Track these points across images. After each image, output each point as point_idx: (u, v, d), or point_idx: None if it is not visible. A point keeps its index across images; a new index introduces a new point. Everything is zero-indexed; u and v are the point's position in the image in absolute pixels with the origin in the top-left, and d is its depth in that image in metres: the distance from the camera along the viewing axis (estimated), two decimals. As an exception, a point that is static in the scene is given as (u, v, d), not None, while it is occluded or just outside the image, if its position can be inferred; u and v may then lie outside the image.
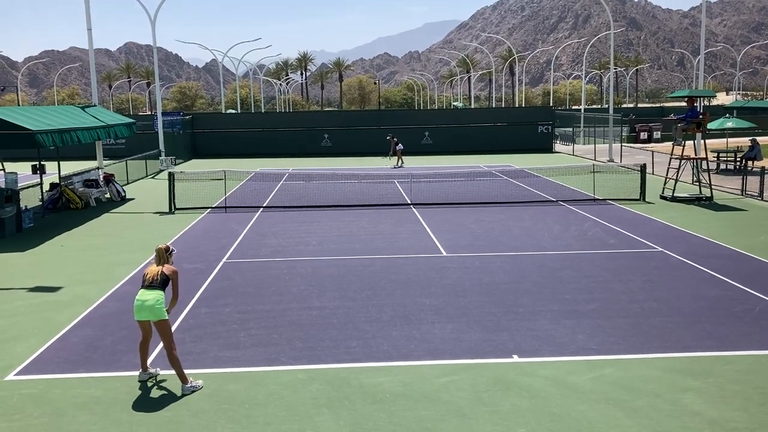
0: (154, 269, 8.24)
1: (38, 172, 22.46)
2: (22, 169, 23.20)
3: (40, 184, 22.51)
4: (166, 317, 8.04)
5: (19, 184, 19.29)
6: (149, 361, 8.55)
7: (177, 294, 8.34)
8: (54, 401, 7.73)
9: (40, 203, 21.93)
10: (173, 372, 8.43)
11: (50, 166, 24.63)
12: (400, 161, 35.05)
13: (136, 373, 8.48)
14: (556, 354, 8.92)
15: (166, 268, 8.25)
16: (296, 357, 8.95)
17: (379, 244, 15.98)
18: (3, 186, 18.54)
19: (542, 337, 9.52)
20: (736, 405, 7.39)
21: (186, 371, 8.46)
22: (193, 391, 7.90)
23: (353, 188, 25.62)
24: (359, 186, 26.38)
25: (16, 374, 8.54)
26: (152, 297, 7.98)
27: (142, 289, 8.11)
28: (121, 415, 7.35)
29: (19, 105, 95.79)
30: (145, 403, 7.66)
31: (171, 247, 8.54)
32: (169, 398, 7.77)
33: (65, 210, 22.15)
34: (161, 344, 9.02)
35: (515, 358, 8.80)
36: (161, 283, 8.12)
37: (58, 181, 22.89)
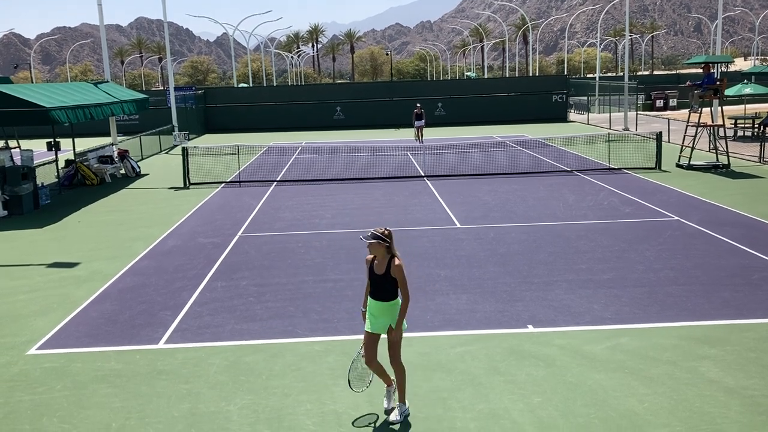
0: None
1: (53, 149, 22.61)
2: (38, 146, 23.33)
3: (56, 160, 22.68)
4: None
5: (34, 162, 19.42)
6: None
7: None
8: (75, 374, 7.86)
9: (56, 180, 22.10)
10: (195, 344, 8.53)
11: (65, 143, 24.76)
12: (416, 134, 32.86)
13: (155, 346, 8.58)
14: (572, 324, 8.92)
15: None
16: (313, 329, 9.01)
17: (393, 216, 15.98)
18: (19, 163, 18.68)
19: (558, 307, 9.52)
20: (753, 372, 7.38)
21: (204, 344, 8.58)
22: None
23: (366, 161, 25.57)
24: (372, 158, 26.32)
25: (38, 348, 8.68)
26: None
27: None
28: (141, 388, 7.46)
29: (32, 82, 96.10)
30: (164, 376, 7.76)
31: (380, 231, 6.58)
32: (188, 371, 7.87)
33: (81, 186, 22.31)
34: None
35: (530, 328, 8.81)
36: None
37: (73, 158, 23.01)
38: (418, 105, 33.74)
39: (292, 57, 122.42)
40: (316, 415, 6.76)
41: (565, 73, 70.74)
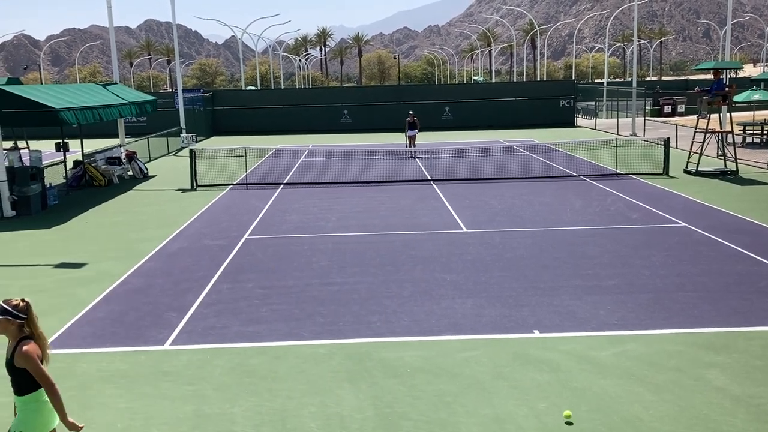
0: None
1: (62, 149, 22.71)
2: (46, 147, 23.46)
3: (64, 161, 22.78)
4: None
5: (43, 162, 19.52)
6: None
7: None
8: (80, 375, 7.88)
9: (64, 181, 22.19)
10: (200, 346, 8.55)
11: (73, 144, 24.88)
12: (409, 144, 29.48)
13: (161, 347, 8.61)
14: (578, 329, 8.89)
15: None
16: (318, 332, 9.01)
17: (400, 220, 15.97)
18: (28, 164, 18.78)
19: (563, 313, 9.49)
20: (760, 380, 7.33)
21: (209, 346, 8.59)
22: None
23: (373, 164, 25.58)
24: (379, 162, 26.33)
25: (44, 348, 8.70)
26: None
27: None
28: (146, 389, 7.47)
29: (41, 83, 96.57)
30: (168, 377, 7.77)
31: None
32: (193, 372, 7.88)
33: (89, 187, 22.39)
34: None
35: (536, 334, 8.79)
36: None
37: (81, 159, 23.11)
38: (411, 113, 29.66)
39: (299, 60, 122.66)
40: (320, 417, 6.76)
41: (573, 78, 70.60)
